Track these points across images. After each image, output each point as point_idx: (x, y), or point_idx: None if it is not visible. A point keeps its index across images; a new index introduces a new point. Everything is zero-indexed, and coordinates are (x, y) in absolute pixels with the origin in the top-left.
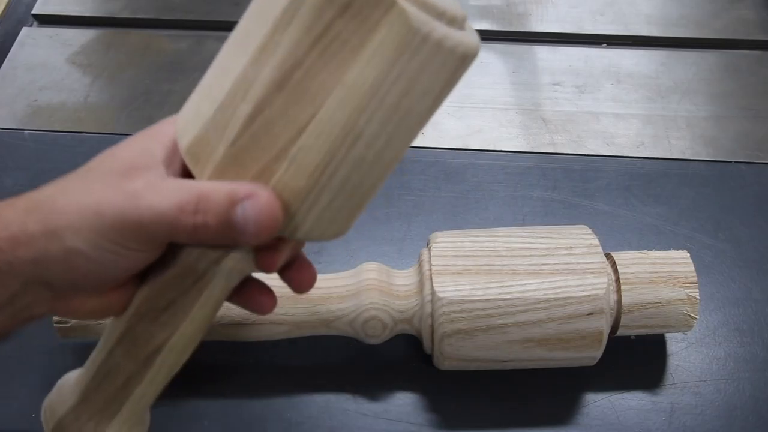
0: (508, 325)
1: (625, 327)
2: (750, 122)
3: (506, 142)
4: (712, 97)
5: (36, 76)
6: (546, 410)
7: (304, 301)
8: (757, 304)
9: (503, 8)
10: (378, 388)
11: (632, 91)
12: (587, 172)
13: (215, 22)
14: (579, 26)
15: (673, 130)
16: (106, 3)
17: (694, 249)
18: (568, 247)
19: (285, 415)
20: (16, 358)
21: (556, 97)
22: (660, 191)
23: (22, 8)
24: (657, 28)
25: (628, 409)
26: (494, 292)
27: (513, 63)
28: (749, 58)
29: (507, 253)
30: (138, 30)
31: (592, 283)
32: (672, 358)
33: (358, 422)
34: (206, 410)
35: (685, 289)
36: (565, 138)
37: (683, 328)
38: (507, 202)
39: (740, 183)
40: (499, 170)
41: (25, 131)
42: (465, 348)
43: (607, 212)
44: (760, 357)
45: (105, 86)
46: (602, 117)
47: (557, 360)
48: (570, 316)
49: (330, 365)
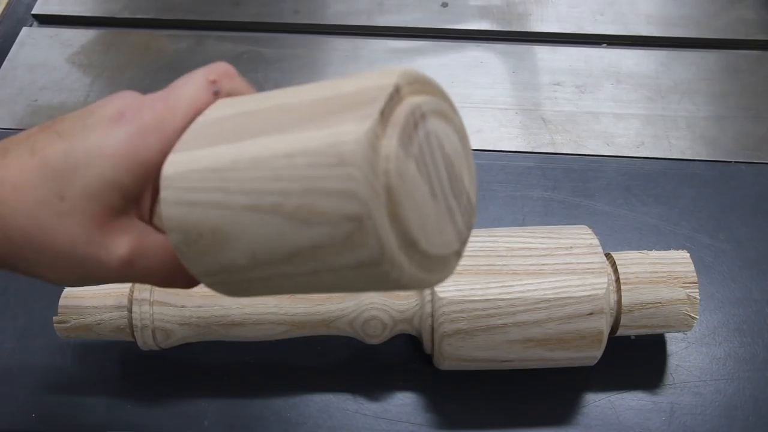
0: (508, 325)
1: (625, 327)
2: (750, 122)
3: (506, 142)
4: (712, 97)
5: (36, 76)
6: (546, 410)
7: (304, 301)
8: (757, 304)
9: (503, 8)
10: (378, 388)
11: (632, 91)
12: (587, 172)
13: (215, 22)
14: (579, 26)
15: (673, 130)
16: (106, 3)
17: (694, 249)
18: (568, 247)
19: (285, 415)
20: (16, 358)
21: (556, 97)
22: (660, 191)
23: (22, 8)
24: (657, 28)
25: (628, 409)
26: (494, 292)
27: (513, 63)
28: (749, 58)
29: (507, 253)
30: (138, 30)
31: (592, 283)
32: (672, 358)
33: (358, 422)
34: (206, 410)
35: (685, 289)
36: (565, 138)
37: (683, 328)
38: (507, 202)
39: (740, 183)
40: (499, 170)
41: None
42: (465, 348)
43: (607, 212)
44: (760, 357)
45: (105, 86)
46: (602, 117)
47: (557, 360)
48: (570, 316)
49: (330, 365)
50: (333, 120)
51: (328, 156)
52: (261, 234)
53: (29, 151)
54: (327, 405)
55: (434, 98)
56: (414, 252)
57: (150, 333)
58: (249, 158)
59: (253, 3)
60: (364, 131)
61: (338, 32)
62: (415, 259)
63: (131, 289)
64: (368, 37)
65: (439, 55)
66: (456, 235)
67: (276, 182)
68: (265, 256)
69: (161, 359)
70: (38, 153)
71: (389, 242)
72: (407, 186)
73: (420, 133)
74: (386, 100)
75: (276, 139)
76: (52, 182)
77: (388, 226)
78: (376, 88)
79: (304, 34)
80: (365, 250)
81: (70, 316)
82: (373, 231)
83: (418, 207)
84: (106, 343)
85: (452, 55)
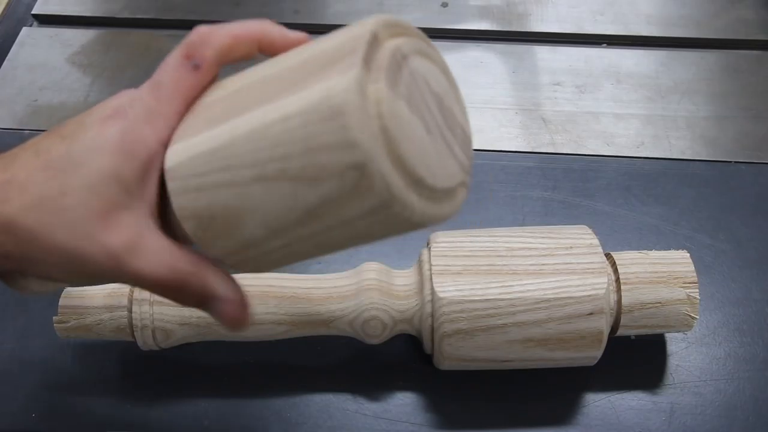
0: (508, 325)
1: (625, 327)
2: (750, 122)
3: (506, 142)
4: (712, 97)
5: (36, 76)
6: (546, 410)
7: (304, 301)
8: (757, 304)
9: (503, 8)
10: (378, 388)
11: (632, 91)
12: (587, 172)
13: (215, 22)
14: (579, 26)
15: (673, 130)
16: (106, 3)
17: (694, 249)
18: (568, 247)
19: (285, 415)
20: (16, 358)
21: (556, 97)
22: (660, 191)
23: (22, 8)
24: (657, 28)
25: (628, 409)
26: (494, 292)
27: (513, 63)
28: (749, 58)
29: (507, 253)
30: (138, 30)
31: (592, 283)
32: (672, 358)
33: (358, 422)
34: (206, 410)
35: (685, 289)
36: (565, 138)
37: (683, 328)
38: (507, 202)
39: (740, 183)
40: (499, 170)
41: (25, 131)
42: (465, 348)
43: (607, 212)
44: (760, 357)
45: (105, 86)
46: (602, 117)
47: (557, 360)
48: (570, 316)
49: (330, 365)
50: (319, 77)
51: (320, 112)
52: (271, 202)
53: (35, 154)
54: (327, 405)
55: (412, 39)
56: (421, 188)
57: (150, 333)
58: (246, 132)
59: (253, 3)
60: (350, 80)
61: None
62: (424, 194)
63: (131, 289)
64: None
65: None
66: (459, 167)
67: (276, 148)
68: (280, 223)
69: (161, 359)
70: (43, 155)
71: (395, 182)
72: (402, 125)
73: (405, 72)
74: (366, 47)
75: (268, 109)
76: (55, 180)
77: (391, 167)
78: (354, 38)
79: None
80: (373, 195)
81: (70, 316)
82: (378, 174)
83: (417, 144)
84: (106, 343)
85: (452, 55)
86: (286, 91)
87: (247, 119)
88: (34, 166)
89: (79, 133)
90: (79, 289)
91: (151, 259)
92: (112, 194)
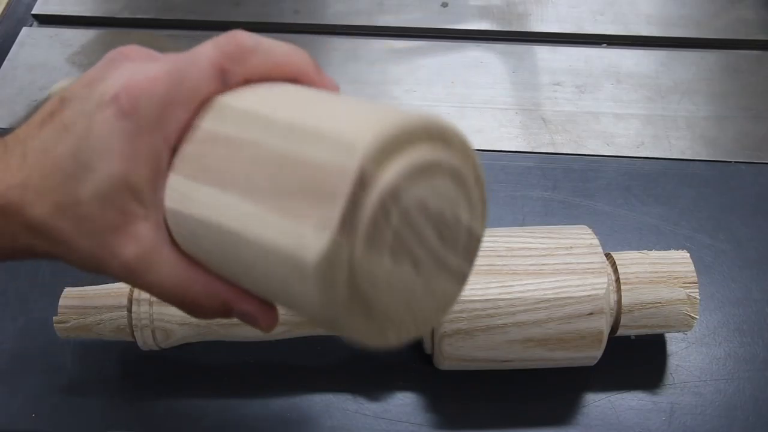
0: (508, 325)
1: (625, 327)
2: (750, 122)
3: (506, 142)
4: (712, 97)
5: (36, 76)
6: (546, 410)
7: None
8: (757, 304)
9: (503, 8)
10: (378, 388)
11: (632, 91)
12: (587, 172)
13: (215, 22)
14: (579, 26)
15: (673, 130)
16: (106, 3)
17: (694, 249)
18: (568, 247)
19: (285, 415)
20: (16, 358)
21: (556, 97)
22: (660, 191)
23: (22, 8)
24: (657, 28)
25: (628, 409)
26: (494, 292)
27: (513, 63)
28: (749, 58)
29: (507, 253)
30: (138, 30)
31: (592, 283)
32: (672, 358)
33: (358, 422)
34: (206, 410)
35: (685, 289)
36: (565, 138)
37: (683, 328)
38: (507, 202)
39: (740, 183)
40: (499, 170)
41: None
42: (465, 348)
43: (607, 212)
44: (760, 357)
45: None
46: (602, 117)
47: (557, 360)
48: (570, 316)
49: (330, 365)
50: (299, 207)
51: (292, 267)
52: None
53: (43, 151)
54: (327, 405)
55: (415, 149)
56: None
57: (150, 333)
58: (227, 239)
59: (253, 3)
60: (322, 246)
61: (338, 32)
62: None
63: (131, 289)
64: (368, 37)
65: (439, 55)
66: (453, 281)
67: (253, 269)
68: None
69: (161, 359)
70: (50, 152)
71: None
72: (377, 283)
73: (393, 219)
74: (347, 200)
75: (250, 218)
76: (66, 186)
77: (362, 321)
78: (339, 172)
79: (304, 34)
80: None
81: (70, 316)
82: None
83: (397, 292)
84: (106, 343)
85: (452, 55)
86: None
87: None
88: (46, 168)
89: (83, 125)
90: (79, 289)
91: (163, 273)
92: (124, 204)
